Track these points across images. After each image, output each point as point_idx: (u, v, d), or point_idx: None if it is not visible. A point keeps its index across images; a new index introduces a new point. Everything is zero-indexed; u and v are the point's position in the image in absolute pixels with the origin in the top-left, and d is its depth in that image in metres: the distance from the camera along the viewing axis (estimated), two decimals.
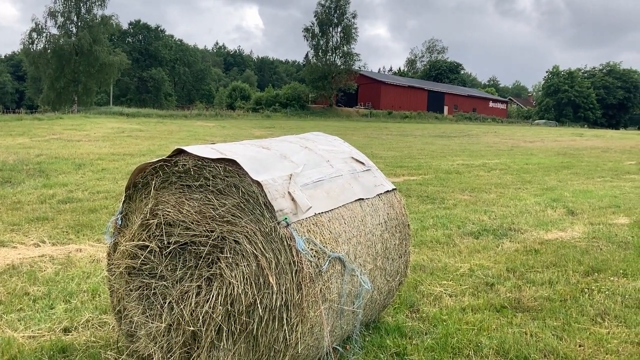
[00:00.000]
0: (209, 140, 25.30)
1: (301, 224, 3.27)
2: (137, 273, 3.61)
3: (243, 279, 3.23)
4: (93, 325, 4.31)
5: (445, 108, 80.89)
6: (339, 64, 68.69)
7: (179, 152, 3.50)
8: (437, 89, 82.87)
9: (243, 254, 3.25)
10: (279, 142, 3.96)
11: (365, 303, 3.87)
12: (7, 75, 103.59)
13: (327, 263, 3.31)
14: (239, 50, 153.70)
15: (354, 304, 3.64)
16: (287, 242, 3.17)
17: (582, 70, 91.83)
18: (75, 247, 6.49)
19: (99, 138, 24.67)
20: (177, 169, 3.47)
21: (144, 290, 3.59)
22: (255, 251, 3.23)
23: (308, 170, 3.65)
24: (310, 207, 3.31)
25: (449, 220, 8.69)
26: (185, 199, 3.45)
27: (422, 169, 16.08)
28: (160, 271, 3.51)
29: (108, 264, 3.85)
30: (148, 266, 3.56)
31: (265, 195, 3.19)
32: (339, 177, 3.85)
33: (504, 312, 4.80)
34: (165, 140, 23.84)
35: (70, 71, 59.54)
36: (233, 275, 3.24)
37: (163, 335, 3.48)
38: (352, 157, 4.22)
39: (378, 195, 4.10)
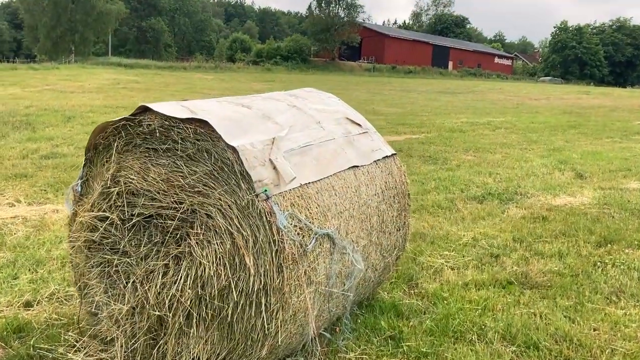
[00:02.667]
0: (207, 93, 24.64)
1: (284, 197, 2.81)
2: (98, 248, 3.18)
3: (215, 259, 2.80)
4: (58, 299, 3.91)
5: (450, 63, 79.39)
6: (342, 15, 67.01)
7: (145, 109, 3.01)
8: (442, 44, 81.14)
9: (216, 230, 2.81)
10: (263, 100, 3.47)
11: (358, 282, 3.45)
12: (3, 23, 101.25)
13: (313, 241, 2.87)
14: (240, 0, 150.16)
15: (344, 285, 3.23)
16: (266, 217, 2.72)
17: (591, 26, 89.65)
18: (51, 208, 6.07)
19: (93, 89, 24.03)
20: (141, 129, 3.00)
21: (105, 267, 3.17)
22: (230, 227, 2.79)
23: (295, 133, 3.17)
24: (295, 177, 2.85)
25: (452, 182, 8.24)
26: (151, 165, 2.99)
27: (425, 127, 15.54)
28: (123, 246, 3.08)
29: (69, 236, 3.41)
30: (109, 240, 3.12)
31: (242, 162, 2.72)
32: (331, 141, 3.37)
33: (511, 289, 4.39)
34: (161, 93, 23.23)
35: (66, 20, 58.25)
36: (204, 254, 2.81)
37: (126, 319, 3.07)
38: (347, 118, 3.73)
39: (375, 161, 3.64)
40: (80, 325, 3.40)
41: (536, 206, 7.07)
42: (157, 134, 2.93)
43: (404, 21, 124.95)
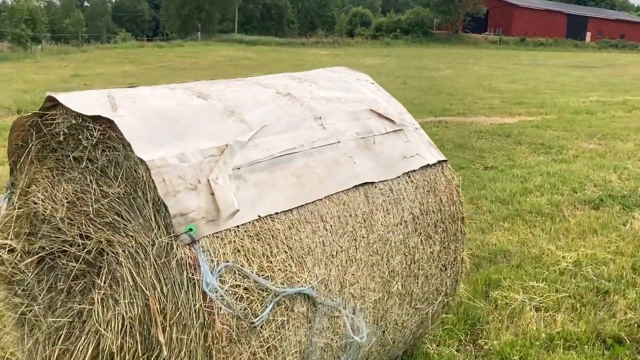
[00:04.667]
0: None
1: (223, 239, 1.83)
2: (9, 286, 2.40)
3: (121, 329, 1.89)
4: None
5: (588, 34, 72.48)
6: None
7: (57, 103, 2.15)
8: (578, 13, 74.24)
9: (125, 286, 1.90)
10: (240, 87, 2.48)
11: (369, 351, 2.40)
12: (145, 4, 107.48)
13: (269, 308, 1.87)
14: None
15: None
16: (188, 272, 1.76)
17: None
18: None
19: (204, 67, 24.27)
20: (52, 129, 2.15)
21: (16, 313, 2.39)
22: (142, 283, 1.86)
23: (269, 135, 2.16)
24: (237, 209, 1.85)
25: (563, 179, 6.72)
26: (63, 180, 2.14)
27: (545, 108, 13.62)
28: (31, 289, 2.27)
29: None
30: (19, 277, 2.33)
31: (156, 186, 1.78)
32: (332, 145, 2.32)
33: (617, 352, 3.10)
34: (269, 70, 22.83)
35: None
36: (107, 319, 1.92)
37: None
38: (372, 110, 2.64)
39: (407, 173, 2.53)
40: None
41: None
42: (64, 137, 2.07)
43: None
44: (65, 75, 18.90)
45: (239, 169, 1.97)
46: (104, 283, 1.94)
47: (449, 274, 2.73)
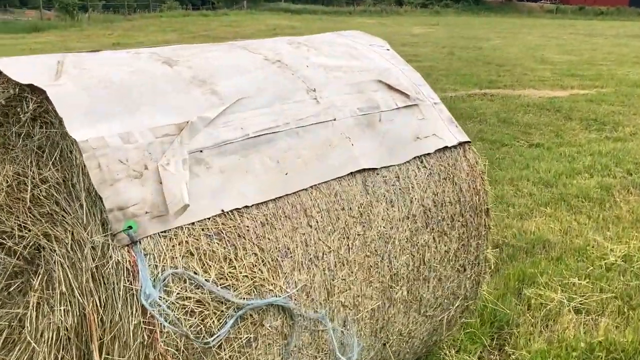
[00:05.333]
0: None
1: (172, 240, 1.49)
2: None
3: (55, 342, 1.59)
4: None
5: None
6: None
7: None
8: None
9: (61, 290, 1.59)
10: (221, 53, 2.10)
11: None
12: None
13: (230, 323, 1.53)
14: None
15: None
16: (126, 280, 1.44)
17: None
18: None
19: (245, 36, 23.88)
20: None
21: None
22: (79, 288, 1.55)
23: (246, 110, 1.79)
24: (187, 204, 1.50)
25: (616, 160, 6.11)
26: (7, 160, 1.83)
27: (600, 80, 12.71)
28: None
29: None
30: None
31: (88, 172, 1.45)
32: (326, 123, 1.93)
33: None
34: None
35: None
36: (40, 329, 1.62)
37: None
38: (381, 81, 2.22)
39: (419, 157, 2.12)
40: None
41: None
42: (6, 110, 1.76)
43: None
44: (107, 43, 18.89)
45: (201, 151, 1.62)
46: (39, 285, 1.63)
47: (468, 275, 2.33)
